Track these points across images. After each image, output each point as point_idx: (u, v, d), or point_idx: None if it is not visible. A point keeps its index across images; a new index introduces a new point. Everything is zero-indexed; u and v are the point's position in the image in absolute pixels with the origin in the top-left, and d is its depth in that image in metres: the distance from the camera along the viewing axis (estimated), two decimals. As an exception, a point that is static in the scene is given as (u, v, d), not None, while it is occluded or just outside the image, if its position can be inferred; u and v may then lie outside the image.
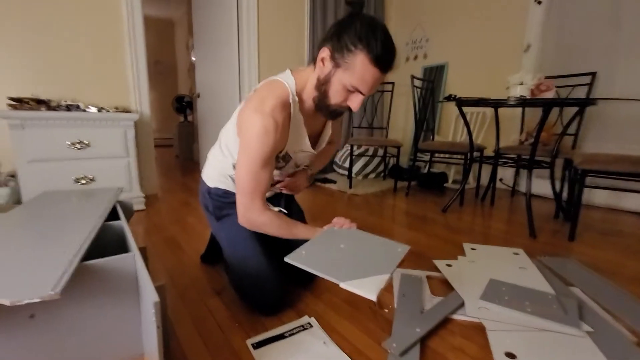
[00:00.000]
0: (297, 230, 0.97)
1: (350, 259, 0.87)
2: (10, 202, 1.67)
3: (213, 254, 1.30)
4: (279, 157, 0.97)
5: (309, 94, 0.89)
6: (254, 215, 0.91)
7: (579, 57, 2.37)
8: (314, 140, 1.05)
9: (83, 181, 1.85)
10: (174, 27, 6.32)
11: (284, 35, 2.95)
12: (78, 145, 1.81)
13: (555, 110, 2.22)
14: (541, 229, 1.81)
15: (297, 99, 0.89)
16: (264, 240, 1.03)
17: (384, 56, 0.77)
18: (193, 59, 4.15)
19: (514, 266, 1.28)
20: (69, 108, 1.87)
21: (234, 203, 1.06)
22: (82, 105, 1.91)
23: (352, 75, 0.79)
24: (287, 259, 0.82)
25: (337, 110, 0.88)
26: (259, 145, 0.84)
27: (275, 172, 1.05)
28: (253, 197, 0.89)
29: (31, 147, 1.70)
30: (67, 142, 1.79)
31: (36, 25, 1.91)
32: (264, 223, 0.92)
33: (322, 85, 0.85)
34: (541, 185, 2.57)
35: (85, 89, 2.10)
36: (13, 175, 1.81)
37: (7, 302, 0.46)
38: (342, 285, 0.76)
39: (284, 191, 1.16)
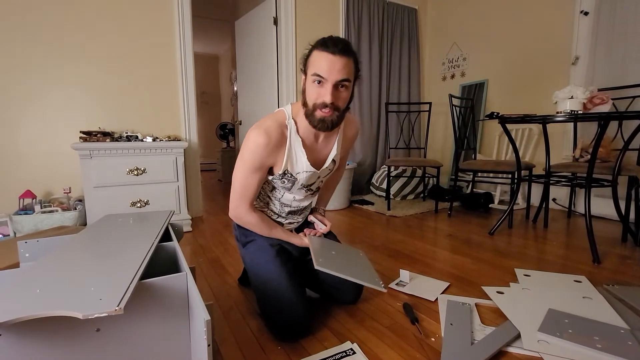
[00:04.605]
0: (275, 231, 1.09)
1: (352, 265, 1.05)
2: (78, 224, 1.86)
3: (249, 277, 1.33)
4: (282, 176, 1.02)
5: (303, 117, 0.98)
6: (242, 213, 1.04)
7: (636, 66, 2.19)
8: (320, 161, 1.08)
9: (138, 204, 2.01)
10: (219, 61, 6.86)
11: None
12: (135, 172, 1.99)
13: (613, 124, 2.05)
14: (607, 254, 1.64)
15: (293, 121, 1.00)
16: (290, 267, 1.05)
17: (329, 40, 0.88)
18: (235, 89, 4.44)
19: (577, 295, 1.16)
20: (129, 138, 2.07)
21: None
22: (140, 136, 2.11)
23: (311, 67, 0.90)
24: (317, 267, 0.94)
25: (320, 115, 0.91)
26: (250, 154, 0.96)
27: (289, 196, 1.09)
28: (241, 199, 1.02)
29: (97, 174, 1.90)
30: (126, 169, 1.97)
31: (106, 66, 2.18)
32: (249, 222, 1.06)
33: (303, 96, 0.96)
34: (602, 206, 2.34)
35: (143, 120, 2.33)
36: (81, 200, 2.02)
37: (79, 316, 0.51)
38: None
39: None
